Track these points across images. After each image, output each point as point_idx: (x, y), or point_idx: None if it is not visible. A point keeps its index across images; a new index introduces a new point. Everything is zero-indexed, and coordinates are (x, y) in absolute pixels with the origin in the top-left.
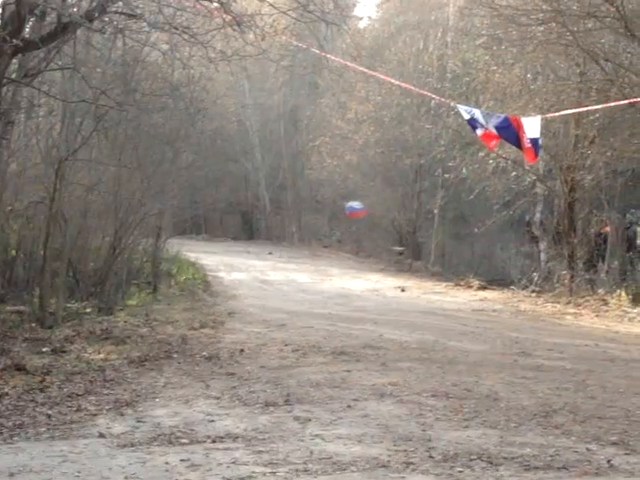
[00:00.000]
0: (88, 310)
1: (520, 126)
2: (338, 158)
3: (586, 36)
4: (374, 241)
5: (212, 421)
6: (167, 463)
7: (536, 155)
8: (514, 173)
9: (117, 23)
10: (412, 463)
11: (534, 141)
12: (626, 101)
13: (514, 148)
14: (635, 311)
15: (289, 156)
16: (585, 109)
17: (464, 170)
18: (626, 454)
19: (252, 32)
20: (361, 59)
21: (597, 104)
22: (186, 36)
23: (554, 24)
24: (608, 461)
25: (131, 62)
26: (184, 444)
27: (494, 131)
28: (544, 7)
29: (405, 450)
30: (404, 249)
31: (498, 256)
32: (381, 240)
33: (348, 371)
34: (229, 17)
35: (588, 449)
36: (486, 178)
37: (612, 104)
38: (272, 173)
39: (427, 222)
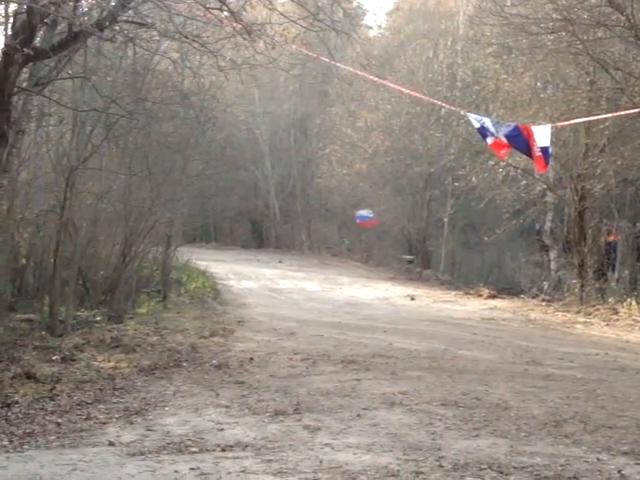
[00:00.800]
0: (98, 318)
1: (530, 135)
2: (348, 166)
3: (596, 45)
4: (384, 249)
5: (222, 430)
6: (176, 472)
7: (546, 164)
8: (524, 182)
9: (127, 32)
10: (422, 472)
11: (544, 150)
12: (636, 110)
13: (524, 157)
14: None
15: (299, 164)
16: (595, 118)
17: (474, 179)
18: (637, 464)
19: (262, 41)
20: (371, 68)
21: (607, 113)
22: (196, 45)
23: (564, 33)
24: (619, 471)
25: (141, 71)
26: (194, 453)
27: (504, 140)
28: (554, 16)
29: (415, 459)
30: (414, 258)
31: (508, 265)
32: (391, 248)
33: (358, 380)
34: (239, 26)
35: (599, 459)
36: (496, 187)
37: (622, 113)
38: (282, 181)
39: (437, 231)
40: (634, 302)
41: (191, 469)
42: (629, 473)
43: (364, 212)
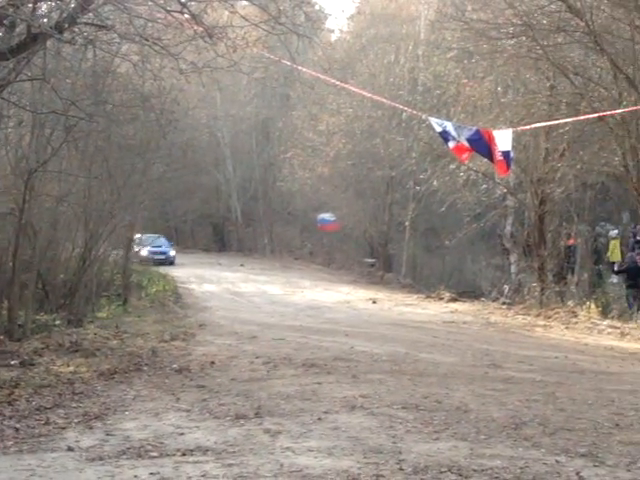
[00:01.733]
0: (57, 322)
1: (492, 139)
2: (310, 170)
3: (556, 50)
4: (345, 253)
5: (182, 434)
6: (136, 477)
7: (508, 167)
8: (485, 186)
9: (87, 34)
10: (382, 476)
11: (506, 154)
12: (595, 115)
13: (485, 161)
14: (604, 323)
15: (261, 168)
16: (555, 122)
17: (435, 182)
18: (595, 466)
19: (223, 44)
20: (332, 71)
21: (567, 117)
22: (157, 47)
23: (524, 38)
24: (577, 473)
25: (101, 73)
26: (153, 457)
27: (466, 143)
28: (514, 21)
29: (375, 462)
30: (375, 261)
31: (469, 268)
32: (352, 252)
33: (319, 383)
34: (200, 29)
35: (557, 461)
36: (457, 190)
37: (582, 117)
38: (244, 185)
39: (398, 234)
40: (593, 305)
41: (151, 474)
42: (587, 475)
43: (326, 215)
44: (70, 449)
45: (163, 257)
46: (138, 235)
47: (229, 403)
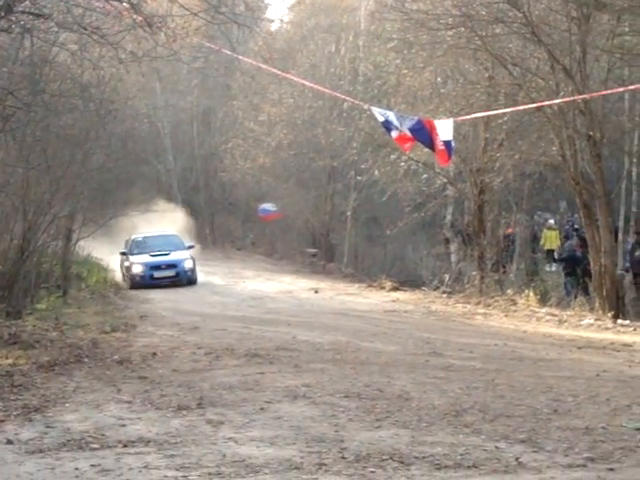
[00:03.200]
0: None
1: (433, 128)
2: (251, 160)
3: (494, 41)
4: (288, 243)
5: (123, 425)
6: (77, 469)
7: (449, 157)
8: (425, 175)
9: (24, 23)
10: (325, 464)
11: (447, 143)
12: (533, 105)
13: (425, 151)
14: (542, 311)
15: (202, 158)
16: (494, 112)
17: (376, 172)
18: (534, 452)
19: (163, 33)
20: (273, 61)
21: (505, 108)
22: (96, 36)
23: (463, 29)
24: (516, 459)
25: (39, 62)
26: (94, 449)
27: (408, 133)
28: (453, 12)
29: (318, 451)
30: (317, 251)
31: (410, 257)
32: (295, 242)
33: (261, 373)
34: (139, 18)
35: (497, 447)
36: (398, 180)
37: (520, 108)
38: (185, 175)
39: (340, 224)
40: (531, 293)
41: (92, 466)
42: (526, 460)
43: (267, 206)
44: (9, 442)
45: (173, 273)
46: (133, 236)
47: (171, 394)
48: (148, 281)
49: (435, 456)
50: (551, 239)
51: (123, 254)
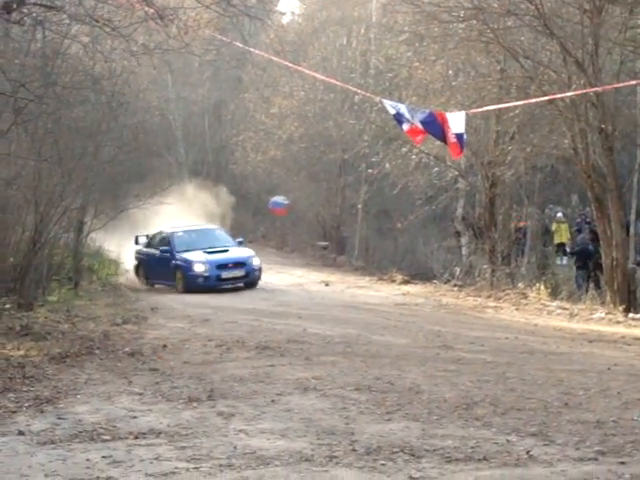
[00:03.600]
0: (7, 306)
1: (445, 121)
2: (262, 153)
3: (506, 34)
4: (298, 236)
5: (134, 417)
6: (88, 460)
7: (461, 150)
8: (436, 168)
9: (36, 15)
10: (335, 457)
11: (459, 136)
12: (545, 98)
13: (436, 144)
14: (553, 304)
15: (213, 151)
16: (506, 105)
17: (387, 165)
18: (545, 445)
19: (175, 26)
20: (285, 54)
21: (517, 101)
22: (107, 29)
23: (475, 21)
24: (527, 452)
25: (51, 55)
26: (106, 441)
27: (420, 126)
28: (465, 4)
29: (329, 444)
30: (328, 244)
31: (421, 251)
32: (305, 235)
33: (272, 366)
34: (151, 10)
35: (508, 440)
36: (409, 173)
37: (532, 101)
38: (196, 168)
39: (351, 217)
40: (542, 287)
41: (103, 457)
42: (537, 454)
43: (279, 198)
44: (21, 433)
45: (242, 273)
46: (169, 230)
47: (182, 386)
48: (214, 283)
49: (446, 449)
50: (561, 232)
51: (150, 251)
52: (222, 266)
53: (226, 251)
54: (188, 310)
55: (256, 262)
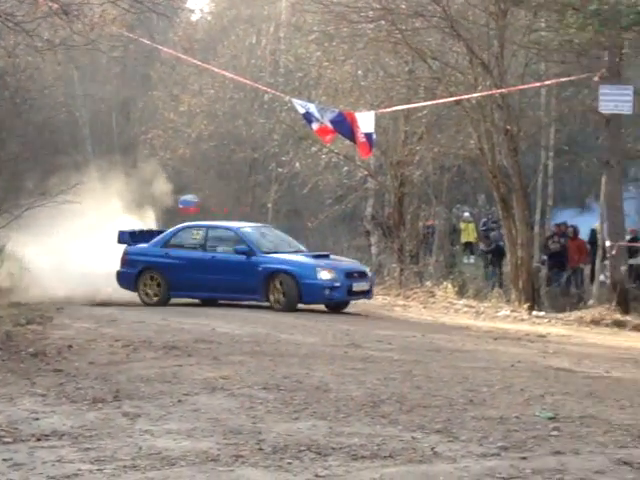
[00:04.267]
0: None
1: (354, 120)
2: (171, 151)
3: (414, 35)
4: None
5: (37, 419)
6: None
7: (370, 149)
8: (346, 168)
9: None
10: (242, 456)
11: (368, 135)
12: (452, 99)
13: (346, 143)
14: (460, 302)
15: (121, 148)
16: (414, 105)
17: (297, 164)
18: (449, 441)
19: (80, 21)
20: (193, 52)
21: (425, 101)
22: (10, 24)
23: (383, 22)
24: (432, 449)
25: None
26: (7, 443)
27: (329, 125)
28: (374, 5)
29: (235, 443)
30: None
31: (331, 250)
32: None
33: (179, 366)
34: (56, 5)
35: (413, 437)
36: (319, 173)
37: (439, 101)
38: (103, 166)
39: (261, 216)
40: (450, 285)
41: (4, 460)
42: (441, 450)
43: (188, 197)
44: None
45: (367, 287)
46: (237, 226)
47: (87, 387)
48: (343, 296)
49: (352, 447)
50: (468, 231)
51: (183, 252)
52: (350, 275)
53: (327, 256)
54: (95, 310)
55: (371, 274)
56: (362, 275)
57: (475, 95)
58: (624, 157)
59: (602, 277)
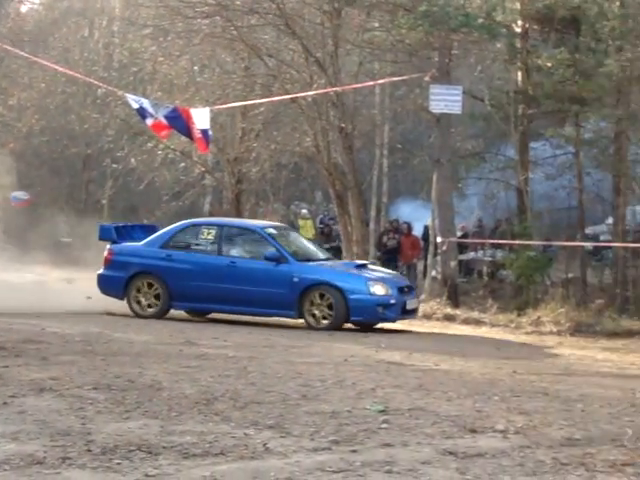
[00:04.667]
0: None
1: (189, 117)
2: (1, 146)
3: (250, 31)
4: (40, 233)
5: None
6: None
7: (207, 145)
8: (183, 164)
9: None
10: (69, 458)
11: (204, 132)
12: (288, 96)
13: (183, 139)
14: None
15: None
16: (250, 102)
17: (133, 160)
18: (281, 437)
19: None
20: (22, 44)
21: (261, 98)
22: None
23: (219, 18)
24: (264, 445)
25: None
26: None
27: (164, 121)
28: (209, 1)
29: (63, 445)
30: (71, 240)
31: None
32: (48, 231)
33: (6, 367)
34: None
35: (246, 434)
36: (155, 169)
37: (275, 99)
38: None
39: (96, 213)
40: None
41: None
42: (273, 446)
43: (19, 194)
44: None
45: (416, 304)
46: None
47: None
48: (397, 316)
49: (184, 445)
50: (307, 228)
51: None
52: (402, 290)
53: (365, 266)
54: None
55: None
56: (411, 290)
57: (310, 93)
58: (454, 155)
59: (434, 272)
